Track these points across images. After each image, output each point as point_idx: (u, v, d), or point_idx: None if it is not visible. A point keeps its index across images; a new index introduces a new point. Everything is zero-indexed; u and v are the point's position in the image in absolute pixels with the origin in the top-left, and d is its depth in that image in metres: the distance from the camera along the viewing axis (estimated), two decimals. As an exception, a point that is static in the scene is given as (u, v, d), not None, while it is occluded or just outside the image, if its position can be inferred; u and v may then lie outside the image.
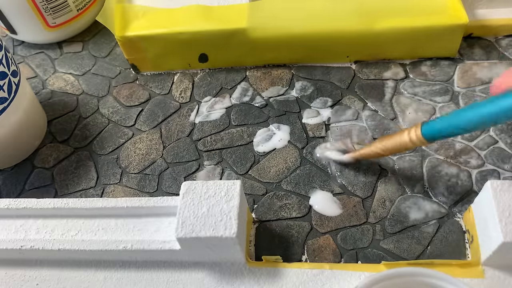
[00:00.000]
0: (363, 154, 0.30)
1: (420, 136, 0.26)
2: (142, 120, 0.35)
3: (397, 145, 0.27)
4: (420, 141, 0.26)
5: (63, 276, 0.27)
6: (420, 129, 0.26)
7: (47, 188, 0.33)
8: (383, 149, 0.28)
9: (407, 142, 0.27)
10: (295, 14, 0.34)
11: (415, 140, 0.26)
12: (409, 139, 0.26)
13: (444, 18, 0.33)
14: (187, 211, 0.24)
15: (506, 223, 0.23)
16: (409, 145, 0.27)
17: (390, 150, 0.28)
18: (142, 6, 0.36)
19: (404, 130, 0.27)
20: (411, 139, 0.26)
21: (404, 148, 0.27)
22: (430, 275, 0.22)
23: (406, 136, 0.27)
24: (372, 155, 0.29)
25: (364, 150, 0.29)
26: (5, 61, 0.30)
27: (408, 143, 0.27)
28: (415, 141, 0.26)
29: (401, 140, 0.27)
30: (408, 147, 0.27)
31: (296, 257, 0.28)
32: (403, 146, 0.27)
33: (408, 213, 0.29)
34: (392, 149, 0.28)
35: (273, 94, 0.35)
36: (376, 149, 0.28)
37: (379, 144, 0.28)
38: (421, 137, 0.26)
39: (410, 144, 0.27)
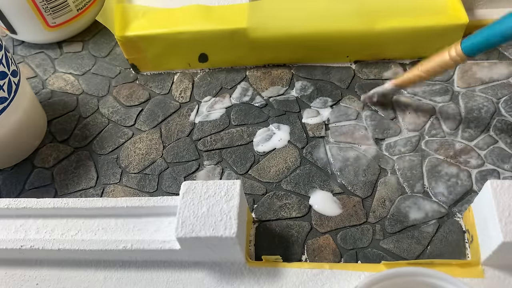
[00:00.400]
0: (406, 79, 0.30)
1: (460, 51, 0.26)
2: (142, 120, 0.35)
3: (438, 64, 0.28)
4: (460, 57, 0.27)
5: (63, 276, 0.27)
6: (460, 44, 0.26)
7: (47, 188, 0.33)
8: (425, 71, 0.29)
9: (448, 60, 0.27)
10: (295, 14, 0.34)
11: (455, 56, 0.27)
12: (449, 57, 0.27)
13: (444, 18, 0.33)
14: (187, 211, 0.24)
15: (506, 223, 0.23)
16: (450, 63, 0.27)
17: (431, 71, 0.29)
18: (142, 6, 0.36)
19: (443, 50, 0.28)
20: (451, 56, 0.27)
21: (445, 66, 0.28)
22: (430, 275, 0.22)
23: (446, 55, 0.27)
24: (414, 79, 0.30)
25: (406, 75, 0.30)
26: (5, 61, 0.30)
27: (449, 61, 0.27)
28: (455, 58, 0.27)
29: (442, 59, 0.28)
30: (449, 65, 0.28)
31: (296, 257, 0.28)
32: (444, 64, 0.28)
33: (408, 213, 0.29)
34: (434, 70, 0.28)
35: (273, 94, 0.35)
36: (419, 72, 0.29)
37: (420, 67, 0.29)
38: (461, 53, 0.26)
39: (451, 62, 0.27)
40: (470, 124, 0.32)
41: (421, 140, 0.32)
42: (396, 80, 0.31)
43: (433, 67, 0.29)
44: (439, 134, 0.32)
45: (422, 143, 0.32)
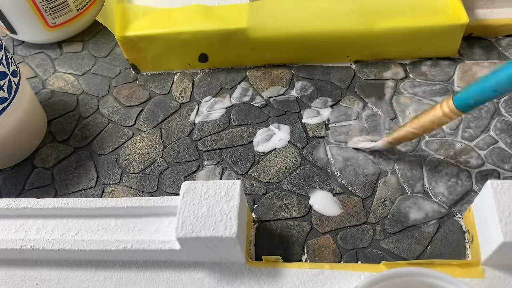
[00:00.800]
0: (397, 137, 0.29)
1: (453, 107, 0.25)
2: (142, 120, 0.35)
3: (431, 121, 0.27)
4: (454, 112, 0.25)
5: (63, 276, 0.27)
6: (452, 100, 0.25)
7: (47, 188, 0.33)
8: (417, 128, 0.27)
9: (441, 117, 0.26)
10: (295, 14, 0.34)
11: (448, 112, 0.25)
12: (442, 113, 0.26)
13: (444, 18, 0.33)
14: (187, 211, 0.24)
15: (506, 223, 0.23)
16: (444, 119, 0.26)
17: (425, 128, 0.27)
18: (142, 6, 0.36)
19: (435, 105, 0.26)
20: (444, 113, 0.26)
21: (440, 123, 0.26)
22: (430, 275, 0.22)
23: (439, 111, 0.26)
24: (406, 136, 0.28)
25: (398, 133, 0.29)
26: (5, 61, 0.30)
27: (442, 117, 0.26)
28: (448, 114, 0.25)
29: (435, 116, 0.26)
30: (444, 122, 0.26)
31: (296, 257, 0.28)
32: (438, 121, 0.26)
33: (408, 213, 0.29)
34: (427, 127, 0.27)
35: (273, 94, 0.35)
36: (411, 129, 0.28)
37: (413, 124, 0.28)
38: (454, 109, 0.25)
39: (444, 118, 0.26)
40: (470, 124, 0.32)
41: (421, 140, 0.32)
42: (388, 138, 0.30)
43: (426, 123, 0.27)
44: (439, 134, 0.32)
45: (422, 143, 0.32)
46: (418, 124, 0.27)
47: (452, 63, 0.35)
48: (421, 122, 0.27)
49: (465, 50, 0.36)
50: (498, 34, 0.36)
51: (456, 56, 0.35)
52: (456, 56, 0.35)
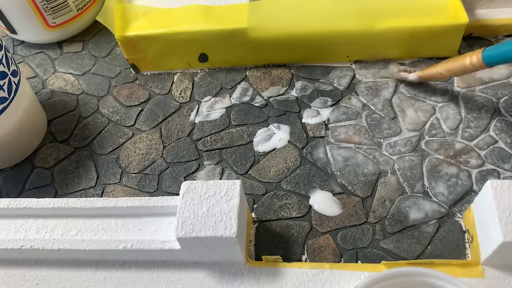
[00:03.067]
0: (429, 74, 0.32)
1: (481, 60, 0.28)
2: (142, 120, 0.35)
3: (458, 66, 0.30)
4: (480, 64, 0.28)
5: (63, 276, 0.27)
6: (481, 53, 0.28)
7: (47, 188, 0.33)
8: (445, 70, 0.31)
9: (468, 65, 0.29)
10: (295, 14, 0.34)
11: (475, 63, 0.29)
12: (469, 62, 0.29)
13: (444, 18, 0.33)
14: (187, 211, 0.24)
15: (506, 222, 0.23)
16: (469, 68, 0.29)
17: (452, 71, 0.31)
18: (142, 6, 0.36)
19: (467, 53, 0.30)
20: (472, 62, 0.29)
21: (465, 70, 0.30)
22: (430, 275, 0.22)
23: (467, 60, 0.29)
24: (436, 75, 0.32)
25: (429, 70, 0.32)
26: (5, 61, 0.30)
27: (469, 66, 0.29)
28: (475, 64, 0.29)
29: (463, 63, 0.30)
30: (468, 70, 0.29)
31: (296, 257, 0.28)
32: (464, 67, 0.30)
33: (408, 213, 0.29)
34: (454, 71, 0.30)
35: (273, 94, 0.35)
36: (440, 70, 0.31)
37: (443, 65, 0.31)
38: (481, 61, 0.28)
39: (470, 67, 0.29)
40: (470, 124, 0.32)
41: (421, 140, 0.32)
42: (421, 73, 0.33)
43: (453, 67, 0.30)
44: (439, 134, 0.32)
45: (422, 143, 0.32)
46: (446, 67, 0.31)
47: (452, 63, 0.35)
48: (449, 66, 0.31)
49: (465, 50, 0.36)
50: (498, 34, 0.36)
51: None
52: (456, 56, 0.35)
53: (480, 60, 0.28)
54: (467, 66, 0.29)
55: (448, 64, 0.31)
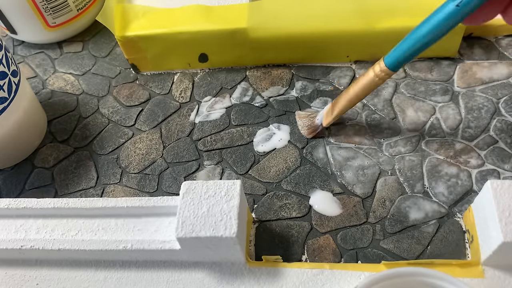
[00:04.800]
0: (338, 111, 0.30)
1: (384, 67, 0.27)
2: (142, 120, 0.35)
3: (365, 85, 0.29)
4: (385, 72, 0.28)
5: (63, 276, 0.27)
6: (383, 61, 0.28)
7: (47, 188, 0.33)
8: (354, 95, 0.29)
9: (373, 78, 0.28)
10: (295, 14, 0.34)
11: (379, 73, 0.28)
12: (374, 74, 0.28)
13: (444, 18, 0.33)
14: (187, 211, 0.24)
15: (506, 223, 0.23)
16: (375, 81, 0.28)
17: (361, 93, 0.29)
18: (142, 6, 0.36)
19: (368, 70, 0.29)
20: (376, 74, 0.28)
21: (373, 85, 0.28)
22: (430, 275, 0.22)
23: (371, 73, 0.28)
24: (346, 105, 0.30)
25: (337, 107, 0.30)
26: (5, 61, 0.30)
27: (374, 79, 0.28)
28: (379, 74, 0.28)
29: (368, 79, 0.28)
30: (375, 84, 0.28)
31: (296, 257, 0.28)
32: (371, 83, 0.28)
33: (408, 213, 0.29)
34: (363, 91, 0.29)
35: (273, 94, 0.35)
36: (349, 97, 0.30)
37: (349, 92, 0.29)
38: (385, 68, 0.27)
39: (376, 79, 0.28)
40: (470, 124, 0.32)
41: (421, 140, 0.32)
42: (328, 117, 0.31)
43: (362, 87, 0.29)
44: (439, 134, 0.32)
45: (422, 143, 0.32)
46: (354, 91, 0.29)
47: (452, 63, 0.35)
48: (356, 88, 0.29)
49: (465, 50, 0.36)
50: (498, 34, 0.36)
51: (456, 56, 0.35)
52: (456, 56, 0.35)
53: (383, 67, 0.27)
54: (373, 79, 0.28)
55: (354, 87, 0.29)
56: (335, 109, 0.30)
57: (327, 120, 0.31)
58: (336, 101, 0.31)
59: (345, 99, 0.30)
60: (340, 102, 0.30)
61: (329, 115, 0.31)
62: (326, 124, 0.31)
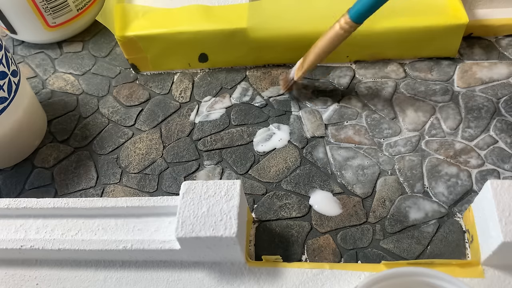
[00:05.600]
0: (308, 65, 0.31)
1: (349, 19, 0.28)
2: (142, 120, 0.35)
3: (331, 38, 0.29)
4: (350, 25, 0.28)
5: (63, 276, 0.27)
6: (348, 14, 0.28)
7: (47, 188, 0.33)
8: (322, 49, 0.30)
9: (338, 31, 0.29)
10: (295, 14, 0.34)
11: (344, 25, 0.28)
12: (339, 27, 0.28)
13: (444, 18, 0.33)
14: (187, 211, 0.24)
15: (506, 222, 0.23)
16: (341, 34, 0.29)
17: (327, 46, 0.30)
18: (142, 6, 0.36)
19: (332, 25, 0.29)
20: (342, 26, 0.28)
21: (339, 38, 0.29)
22: (430, 275, 0.22)
23: (337, 26, 0.29)
24: (315, 59, 0.30)
25: (307, 61, 0.31)
26: (5, 61, 0.30)
27: (340, 31, 0.28)
28: (347, 28, 0.28)
29: (334, 32, 0.29)
30: (342, 36, 0.29)
31: (296, 257, 0.28)
32: (337, 36, 0.29)
33: (408, 213, 0.29)
34: (329, 44, 0.29)
35: (273, 94, 0.35)
36: (317, 50, 0.30)
37: (317, 46, 0.30)
38: (349, 21, 0.28)
39: (341, 32, 0.28)
40: (470, 124, 0.32)
41: (421, 140, 0.32)
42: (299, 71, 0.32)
43: (328, 41, 0.29)
44: (439, 134, 0.32)
45: (422, 143, 0.32)
46: (321, 46, 0.30)
47: (452, 63, 0.35)
48: (323, 43, 0.30)
49: (465, 50, 0.36)
50: (498, 34, 0.36)
51: (456, 56, 0.35)
52: (456, 56, 0.35)
53: (348, 20, 0.28)
54: (339, 32, 0.29)
55: (321, 43, 0.30)
56: (305, 63, 0.31)
57: (297, 74, 0.32)
58: (305, 56, 0.31)
59: (313, 53, 0.30)
60: (309, 57, 0.31)
61: (300, 69, 0.32)
62: (297, 78, 0.32)
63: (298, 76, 0.32)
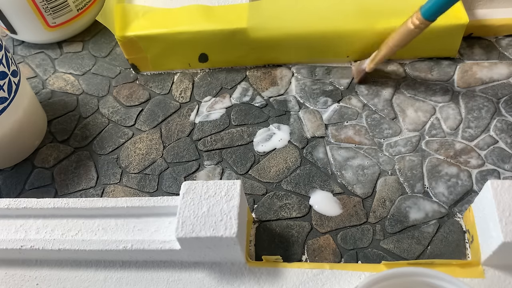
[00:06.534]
0: (380, 57, 0.32)
1: (421, 17, 0.29)
2: (142, 120, 0.35)
3: (404, 33, 0.30)
4: (423, 22, 0.29)
5: (63, 276, 0.27)
6: (420, 12, 0.29)
7: (47, 188, 0.33)
8: (394, 44, 0.31)
9: (412, 28, 0.29)
10: (295, 14, 0.34)
11: (417, 23, 0.29)
12: (412, 24, 0.29)
13: (444, 18, 0.33)
14: (187, 211, 0.24)
15: (506, 223, 0.23)
16: (414, 31, 0.30)
17: (399, 41, 0.31)
18: (142, 6, 0.36)
19: (406, 20, 0.30)
20: (414, 23, 0.29)
21: (411, 34, 0.30)
22: (430, 275, 0.22)
23: (409, 23, 0.30)
24: (387, 53, 0.32)
25: (380, 54, 0.32)
26: (5, 61, 0.30)
27: (413, 28, 0.29)
28: (418, 24, 0.29)
29: (407, 28, 0.30)
30: (414, 33, 0.30)
31: (296, 257, 0.28)
32: (409, 33, 0.30)
33: (408, 213, 0.29)
34: (401, 40, 0.31)
35: (273, 94, 0.35)
36: (389, 45, 0.31)
37: (389, 42, 0.31)
38: (422, 18, 0.29)
39: (415, 29, 0.29)
40: (470, 124, 0.32)
41: (421, 140, 0.32)
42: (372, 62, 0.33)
43: (400, 36, 0.30)
44: (439, 134, 0.32)
45: (422, 143, 0.32)
46: (393, 40, 0.31)
47: (452, 63, 0.35)
48: (395, 38, 0.31)
49: (465, 50, 0.36)
50: (498, 34, 0.36)
51: (456, 56, 0.35)
52: (456, 56, 0.35)
53: (420, 17, 0.29)
54: (412, 29, 0.30)
55: (393, 37, 0.31)
56: (377, 56, 0.32)
57: (369, 66, 0.33)
58: (378, 50, 0.32)
59: (386, 47, 0.32)
60: (382, 50, 0.32)
61: (372, 61, 0.33)
62: (368, 69, 0.33)
63: (370, 67, 0.33)
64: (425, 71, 0.35)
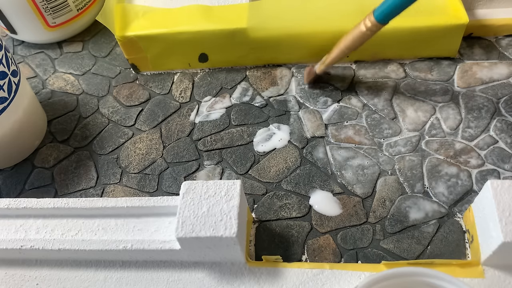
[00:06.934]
0: (330, 60, 0.32)
1: (374, 20, 0.29)
2: (142, 120, 0.35)
3: (356, 36, 0.30)
4: (375, 25, 0.29)
5: (63, 276, 0.27)
6: (373, 14, 0.29)
7: (47, 188, 0.33)
8: (346, 46, 0.31)
9: (364, 31, 0.29)
10: (295, 14, 0.34)
11: (369, 25, 0.29)
12: (365, 27, 0.29)
13: (444, 18, 0.33)
14: (187, 211, 0.24)
15: (506, 222, 0.23)
16: (366, 34, 0.29)
17: (351, 43, 0.30)
18: (142, 6, 0.36)
19: (358, 23, 0.30)
20: (366, 26, 0.29)
21: (364, 37, 0.30)
22: (430, 275, 0.22)
23: (362, 26, 0.29)
24: (338, 55, 0.32)
25: (331, 56, 0.32)
26: (5, 61, 0.30)
27: (365, 31, 0.29)
28: (370, 27, 0.29)
29: (359, 31, 0.30)
30: (367, 36, 0.30)
31: (296, 257, 0.28)
32: (362, 35, 0.30)
33: (408, 213, 0.29)
34: (353, 42, 0.30)
35: (273, 94, 0.35)
36: (340, 48, 0.31)
37: (340, 44, 0.31)
38: (374, 21, 0.29)
39: (367, 32, 0.29)
40: (470, 124, 0.32)
41: (421, 140, 0.32)
42: (323, 65, 0.33)
43: (353, 39, 0.30)
44: (439, 134, 0.32)
45: (422, 143, 0.32)
46: (345, 43, 0.31)
47: (452, 63, 0.35)
48: (347, 40, 0.30)
49: (465, 50, 0.36)
50: (498, 34, 0.36)
51: (456, 56, 0.35)
52: (456, 56, 0.35)
53: (373, 20, 0.29)
54: (364, 32, 0.29)
55: (345, 39, 0.31)
56: (328, 59, 0.32)
57: (319, 68, 0.33)
58: (330, 52, 0.32)
59: (337, 49, 0.31)
60: (333, 53, 0.32)
61: (322, 64, 0.33)
62: (318, 71, 0.33)
63: (320, 69, 0.33)
64: (425, 71, 0.35)
